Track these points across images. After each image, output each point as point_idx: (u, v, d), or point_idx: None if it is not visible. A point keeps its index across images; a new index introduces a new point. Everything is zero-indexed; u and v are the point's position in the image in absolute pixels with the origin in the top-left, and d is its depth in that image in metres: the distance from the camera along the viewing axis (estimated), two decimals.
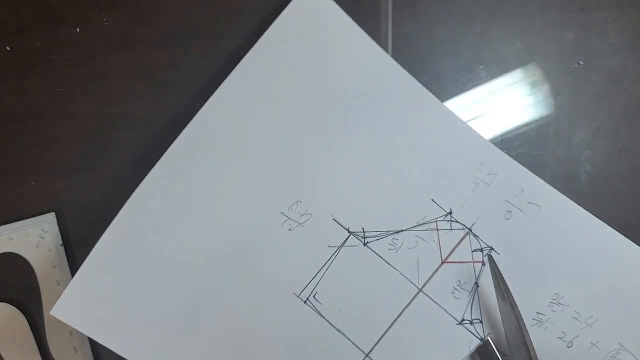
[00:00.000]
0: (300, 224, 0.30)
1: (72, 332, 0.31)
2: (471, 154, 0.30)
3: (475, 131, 0.31)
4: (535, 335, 0.30)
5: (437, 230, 0.30)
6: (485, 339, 0.30)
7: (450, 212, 0.30)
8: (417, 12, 0.32)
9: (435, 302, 0.30)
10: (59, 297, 0.29)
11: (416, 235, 0.30)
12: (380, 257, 0.30)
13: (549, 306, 0.30)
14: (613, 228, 0.30)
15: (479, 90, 0.32)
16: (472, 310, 0.30)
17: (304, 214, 0.30)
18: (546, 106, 0.32)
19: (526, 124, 0.32)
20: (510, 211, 0.30)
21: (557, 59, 0.32)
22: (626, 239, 0.30)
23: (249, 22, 0.32)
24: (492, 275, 0.29)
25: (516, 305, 0.28)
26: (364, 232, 0.30)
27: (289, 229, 0.30)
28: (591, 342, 0.30)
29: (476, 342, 0.30)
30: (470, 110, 0.32)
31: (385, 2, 0.32)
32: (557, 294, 0.30)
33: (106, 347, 0.31)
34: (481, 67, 0.32)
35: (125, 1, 0.32)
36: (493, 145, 0.31)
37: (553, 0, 0.32)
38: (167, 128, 0.32)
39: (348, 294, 0.30)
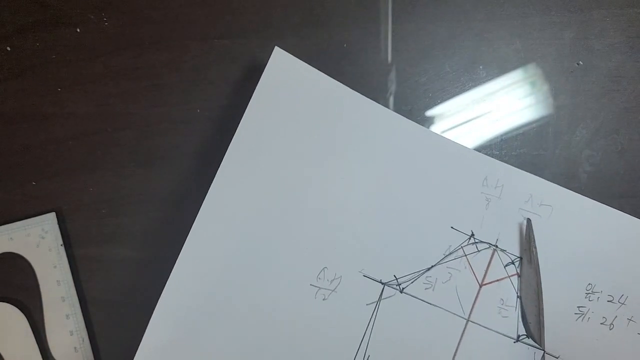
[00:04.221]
0: (333, 290, 0.30)
1: (72, 332, 0.31)
2: (473, 172, 0.31)
3: (470, 149, 0.31)
4: (581, 329, 0.30)
5: (466, 255, 0.30)
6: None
7: (473, 235, 0.30)
8: (417, 12, 0.32)
9: (487, 328, 0.30)
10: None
11: (447, 267, 0.30)
12: (419, 299, 0.30)
13: (586, 297, 0.30)
14: None
15: (478, 90, 0.32)
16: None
17: (333, 279, 0.30)
18: (546, 106, 0.32)
19: (526, 124, 0.32)
20: (527, 217, 0.30)
21: (557, 59, 0.32)
22: (632, 217, 0.30)
23: (248, 22, 0.32)
24: (525, 237, 0.30)
25: (539, 271, 0.29)
26: (396, 279, 0.30)
27: (323, 299, 0.30)
28: (628, 319, 0.30)
29: (540, 354, 0.30)
30: (470, 110, 0.32)
31: (385, 2, 0.32)
32: (590, 283, 0.30)
33: (106, 347, 0.32)
34: (481, 67, 0.32)
35: (125, 2, 0.32)
36: (491, 158, 0.31)
37: (553, 0, 0.32)
38: (167, 128, 0.32)
39: (400, 346, 0.30)
